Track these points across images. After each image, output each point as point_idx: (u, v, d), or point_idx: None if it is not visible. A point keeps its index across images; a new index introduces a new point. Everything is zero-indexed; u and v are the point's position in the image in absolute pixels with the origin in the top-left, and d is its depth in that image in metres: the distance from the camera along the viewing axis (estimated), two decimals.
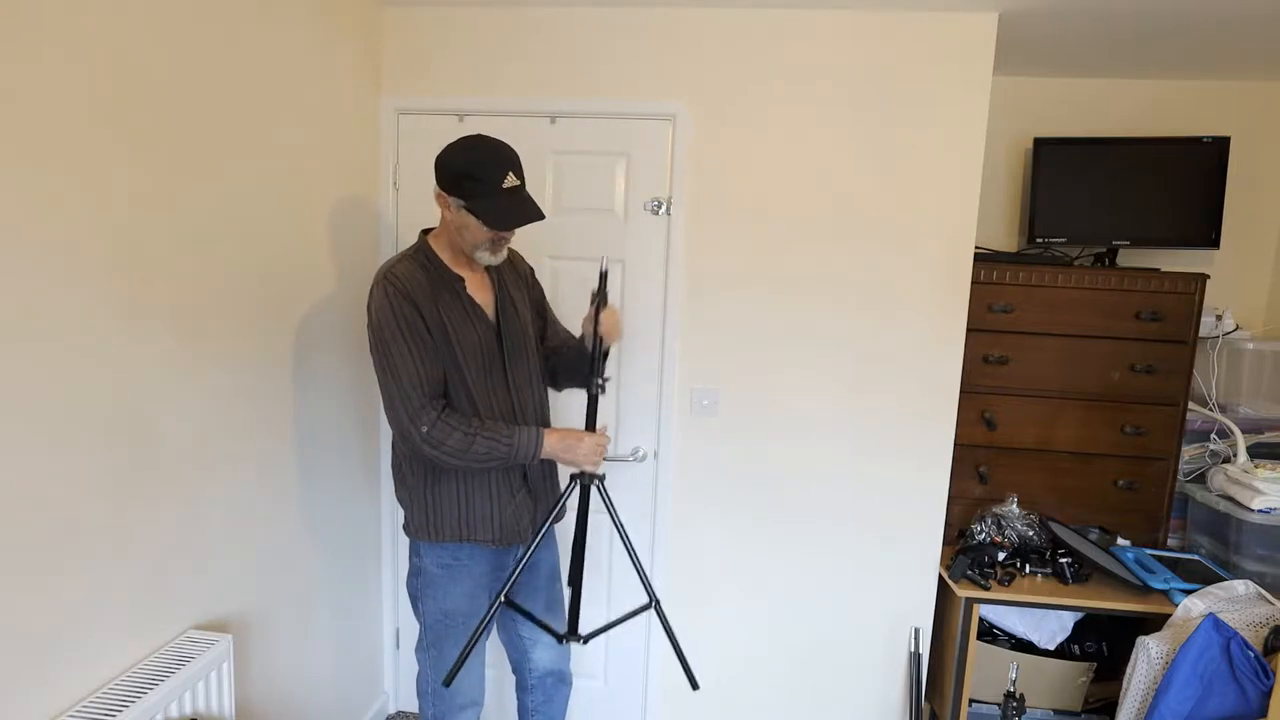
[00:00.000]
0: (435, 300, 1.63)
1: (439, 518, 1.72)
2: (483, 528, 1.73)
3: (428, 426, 1.58)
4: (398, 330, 1.58)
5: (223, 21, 1.56)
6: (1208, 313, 2.45)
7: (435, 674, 1.80)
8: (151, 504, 1.45)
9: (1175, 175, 2.46)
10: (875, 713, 2.40)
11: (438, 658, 1.79)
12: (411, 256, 1.68)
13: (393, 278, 1.61)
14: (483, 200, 1.58)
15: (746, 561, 2.38)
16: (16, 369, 1.16)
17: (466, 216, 1.60)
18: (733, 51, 2.17)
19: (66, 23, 1.21)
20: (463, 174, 1.58)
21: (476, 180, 1.58)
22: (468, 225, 1.62)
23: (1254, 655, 1.83)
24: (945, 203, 2.16)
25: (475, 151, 1.60)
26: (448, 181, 1.60)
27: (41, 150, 1.18)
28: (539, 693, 1.98)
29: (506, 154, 1.62)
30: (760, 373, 2.28)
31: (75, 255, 1.25)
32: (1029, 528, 2.30)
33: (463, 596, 1.75)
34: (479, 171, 1.58)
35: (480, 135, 1.64)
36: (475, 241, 1.64)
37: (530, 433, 1.67)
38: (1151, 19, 2.06)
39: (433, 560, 1.75)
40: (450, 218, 1.64)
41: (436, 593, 1.76)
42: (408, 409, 1.59)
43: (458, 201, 1.60)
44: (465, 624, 1.76)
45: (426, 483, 1.72)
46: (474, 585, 1.76)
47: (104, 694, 1.32)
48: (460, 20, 2.23)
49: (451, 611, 1.76)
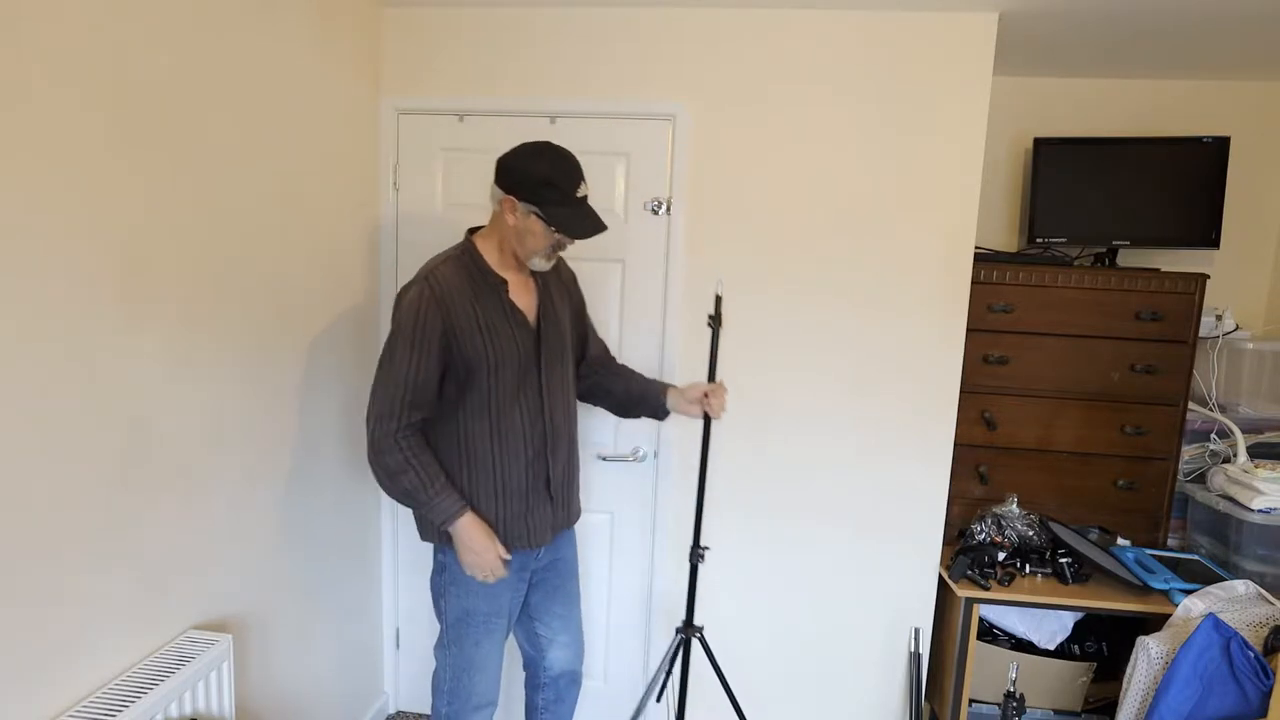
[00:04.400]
0: (475, 302, 1.64)
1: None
2: (512, 529, 1.73)
3: (383, 432, 1.60)
4: (411, 334, 1.59)
5: (222, 22, 1.56)
6: (1208, 313, 2.45)
7: (452, 672, 1.80)
8: (151, 504, 1.45)
9: (1175, 175, 2.46)
10: (875, 712, 2.40)
11: (457, 655, 1.79)
12: (456, 258, 1.67)
13: (433, 280, 1.61)
14: (558, 208, 1.59)
15: (746, 561, 2.38)
16: (17, 369, 1.16)
17: (534, 223, 1.60)
18: (733, 51, 2.17)
19: (66, 23, 1.21)
20: (542, 180, 1.57)
21: (554, 187, 1.58)
22: (533, 231, 1.61)
23: (1254, 655, 1.83)
24: (945, 203, 2.16)
25: (550, 158, 1.60)
26: (522, 187, 1.59)
27: (41, 150, 1.18)
28: (550, 691, 1.98)
29: (576, 162, 1.63)
30: (759, 372, 2.28)
31: (74, 256, 1.25)
32: (1029, 528, 2.30)
33: (483, 595, 1.76)
34: (560, 180, 1.58)
35: (548, 142, 1.64)
36: (536, 248, 1.65)
37: (456, 504, 1.65)
38: (1151, 19, 2.06)
39: (453, 558, 1.75)
40: (514, 222, 1.62)
41: (459, 590, 1.76)
42: (380, 405, 1.61)
43: (529, 208, 1.59)
44: (486, 623, 1.77)
45: (458, 481, 1.71)
46: (495, 584, 1.76)
47: (104, 694, 1.32)
48: (460, 20, 2.23)
49: (472, 610, 1.76)
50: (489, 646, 1.79)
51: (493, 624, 1.77)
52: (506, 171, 1.61)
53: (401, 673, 2.58)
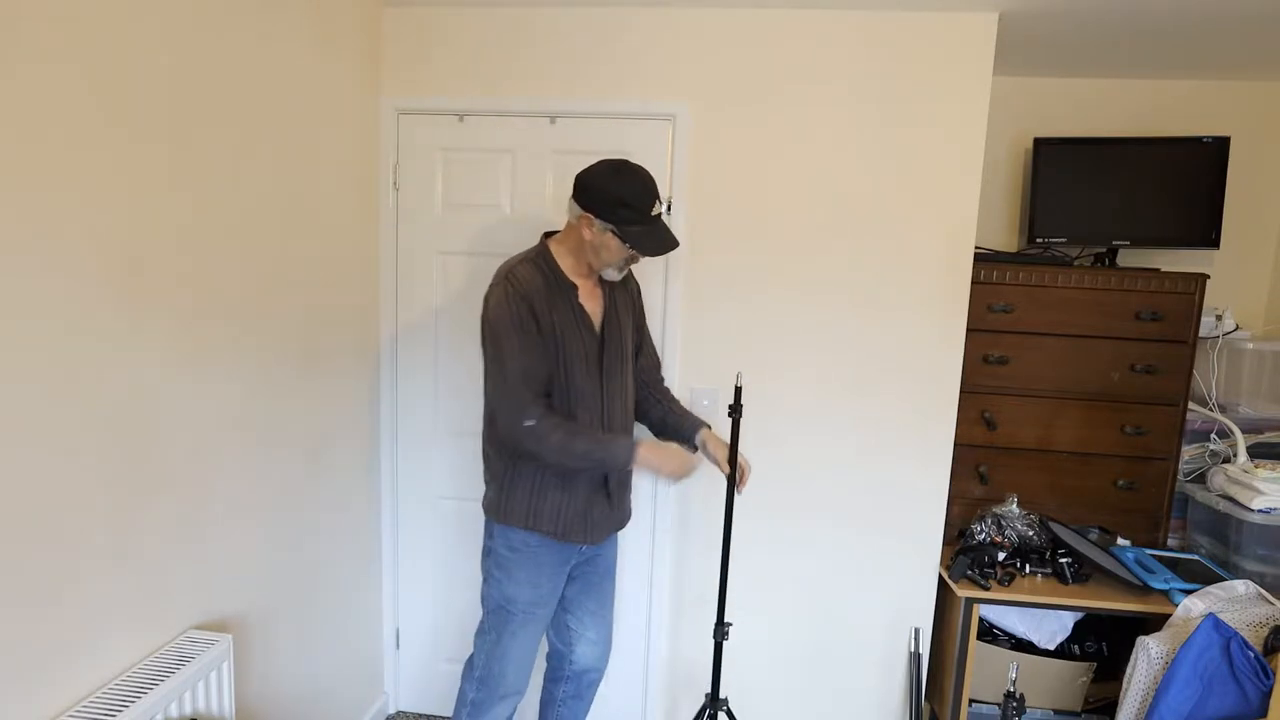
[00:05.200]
0: (549, 304, 1.70)
1: (510, 500, 1.78)
2: (548, 518, 1.77)
3: (533, 421, 1.64)
4: (512, 327, 1.64)
5: (222, 21, 1.56)
6: (1208, 313, 2.45)
7: (486, 658, 1.84)
8: (151, 504, 1.45)
9: (1175, 175, 2.46)
10: (875, 712, 2.40)
11: (494, 644, 1.83)
12: (532, 260, 1.73)
13: (514, 279, 1.68)
14: (635, 227, 1.65)
15: (746, 561, 2.37)
16: (17, 369, 1.16)
17: (609, 239, 1.67)
18: (733, 51, 2.17)
19: (67, 23, 1.21)
20: (619, 201, 1.64)
21: (631, 208, 1.64)
22: (608, 246, 1.68)
23: (1254, 655, 1.83)
24: (945, 202, 2.16)
25: (628, 179, 1.66)
26: (600, 206, 1.65)
27: (42, 150, 1.18)
28: (571, 685, 2.01)
29: (652, 182, 1.69)
30: (759, 372, 2.28)
31: (74, 256, 1.25)
32: (1029, 528, 2.30)
33: (526, 583, 1.79)
34: (635, 200, 1.65)
35: (626, 161, 1.70)
36: (610, 261, 1.72)
37: (626, 441, 1.73)
38: (1151, 19, 2.06)
39: (502, 542, 1.80)
40: (590, 237, 1.69)
41: (502, 575, 1.80)
42: (515, 402, 1.65)
43: (606, 225, 1.66)
44: (525, 612, 1.80)
45: (506, 466, 1.78)
46: (537, 574, 1.80)
47: (104, 694, 1.32)
48: (460, 20, 2.23)
49: (513, 597, 1.80)
50: (525, 637, 1.82)
51: (533, 614, 1.81)
52: (584, 190, 1.67)
53: (401, 673, 2.58)
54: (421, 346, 2.40)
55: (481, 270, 2.31)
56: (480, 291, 2.34)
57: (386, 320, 2.39)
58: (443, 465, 2.45)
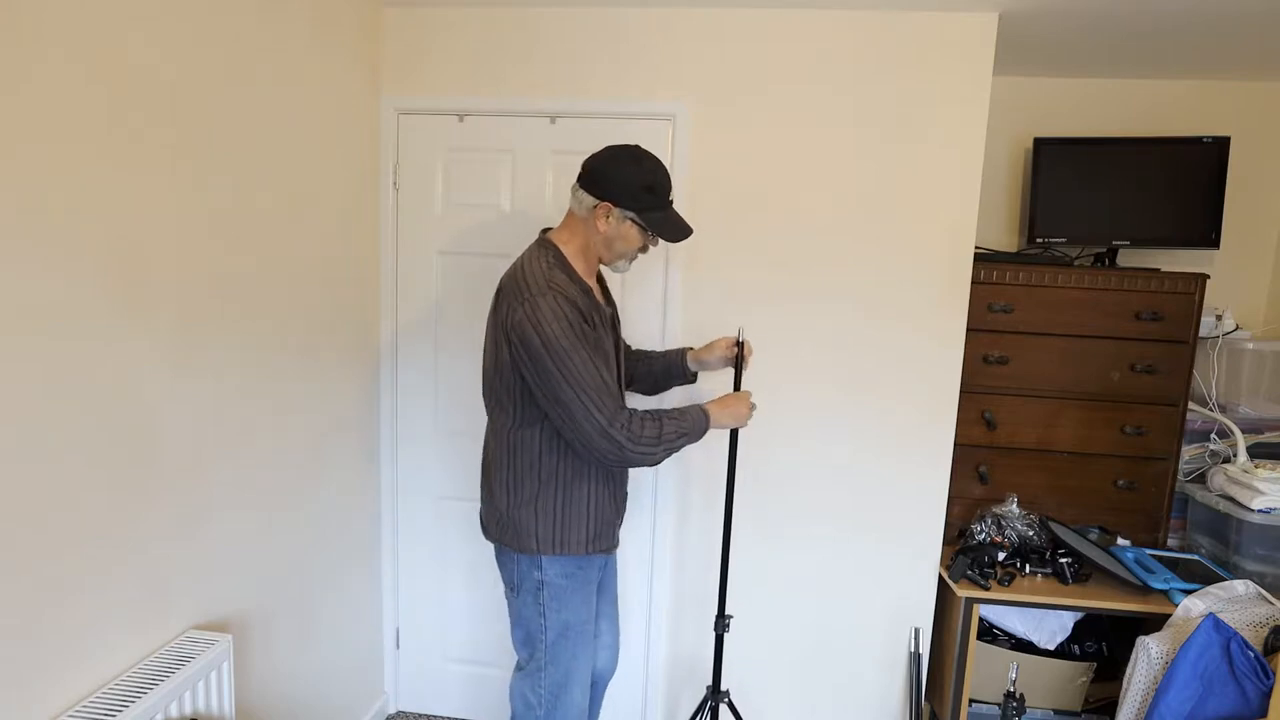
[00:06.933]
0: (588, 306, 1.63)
1: (566, 530, 1.67)
2: (606, 534, 1.74)
3: (625, 426, 1.54)
4: (575, 339, 1.51)
5: (223, 22, 1.56)
6: (1208, 313, 2.45)
7: (550, 691, 1.73)
8: (151, 503, 1.45)
9: (1175, 175, 2.46)
10: (875, 712, 2.40)
11: (554, 673, 1.72)
12: (554, 264, 1.60)
13: (557, 287, 1.54)
14: (657, 213, 1.59)
15: (746, 560, 2.37)
16: (17, 369, 1.16)
17: (629, 228, 1.61)
18: (733, 51, 2.17)
19: (67, 23, 1.21)
20: (645, 187, 1.58)
21: (655, 194, 1.58)
22: (626, 236, 1.62)
23: (1254, 655, 1.83)
24: (945, 203, 2.16)
25: (650, 163, 1.60)
26: (621, 194, 1.57)
27: (41, 149, 1.18)
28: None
29: (665, 166, 1.64)
30: (759, 372, 2.28)
31: (74, 256, 1.25)
32: (1029, 528, 2.30)
33: (581, 605, 1.73)
34: (657, 185, 1.59)
35: (639, 146, 1.63)
36: (623, 252, 1.66)
37: (691, 409, 1.68)
38: (1151, 19, 2.06)
39: (558, 572, 1.69)
40: (605, 228, 1.60)
41: (560, 605, 1.70)
42: (603, 415, 1.52)
43: (626, 213, 1.58)
44: (580, 632, 1.73)
45: (557, 495, 1.67)
46: (588, 589, 1.74)
47: (104, 694, 1.32)
48: (460, 20, 2.23)
49: (572, 622, 1.72)
50: (584, 656, 1.76)
51: (587, 630, 1.75)
52: (602, 178, 1.58)
53: (401, 673, 2.58)
54: (421, 346, 2.40)
55: (481, 270, 2.32)
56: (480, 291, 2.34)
57: (386, 320, 2.38)
58: (442, 465, 2.45)
